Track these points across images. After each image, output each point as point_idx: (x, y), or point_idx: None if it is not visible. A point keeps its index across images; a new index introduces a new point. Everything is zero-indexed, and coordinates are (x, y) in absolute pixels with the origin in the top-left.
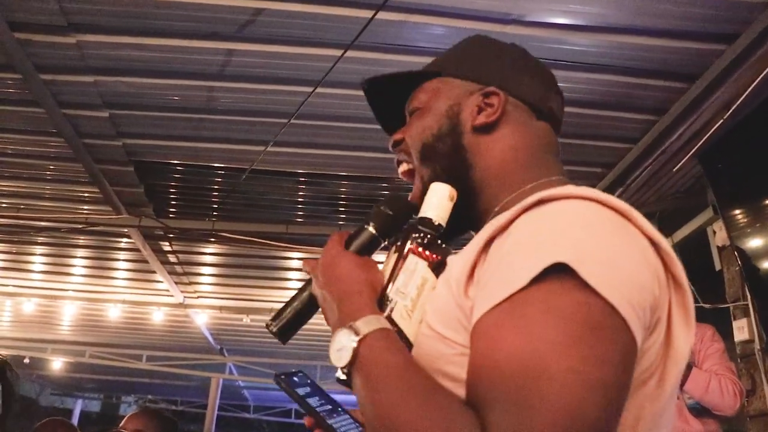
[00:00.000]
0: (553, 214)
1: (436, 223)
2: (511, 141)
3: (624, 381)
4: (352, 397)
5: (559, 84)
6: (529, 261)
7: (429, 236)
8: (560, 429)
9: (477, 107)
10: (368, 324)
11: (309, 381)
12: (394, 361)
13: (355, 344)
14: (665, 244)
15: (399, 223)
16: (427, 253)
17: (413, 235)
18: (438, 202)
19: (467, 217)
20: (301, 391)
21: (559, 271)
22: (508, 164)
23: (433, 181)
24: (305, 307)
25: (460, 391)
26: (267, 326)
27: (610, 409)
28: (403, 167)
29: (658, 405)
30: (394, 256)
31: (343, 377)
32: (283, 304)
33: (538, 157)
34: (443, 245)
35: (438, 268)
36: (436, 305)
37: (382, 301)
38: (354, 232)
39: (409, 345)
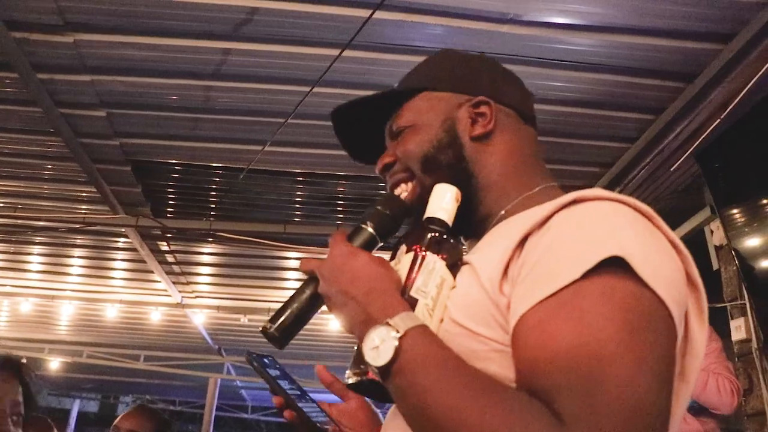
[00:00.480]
0: (593, 213)
1: (447, 223)
2: (508, 148)
3: (674, 369)
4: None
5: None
6: (581, 255)
7: (444, 236)
8: (630, 413)
9: (470, 118)
10: (405, 320)
11: (278, 366)
12: (444, 356)
13: (396, 341)
14: (683, 246)
15: (396, 224)
16: (444, 252)
17: (429, 235)
18: (446, 203)
19: (467, 223)
20: (272, 372)
21: (610, 265)
22: (507, 171)
23: None
24: (306, 308)
25: None
26: (264, 330)
27: (668, 395)
28: (402, 188)
29: (684, 399)
30: (408, 255)
31: (354, 381)
32: (279, 307)
33: (531, 163)
34: (456, 244)
35: (453, 267)
36: (463, 302)
37: (407, 301)
38: (352, 232)
39: None
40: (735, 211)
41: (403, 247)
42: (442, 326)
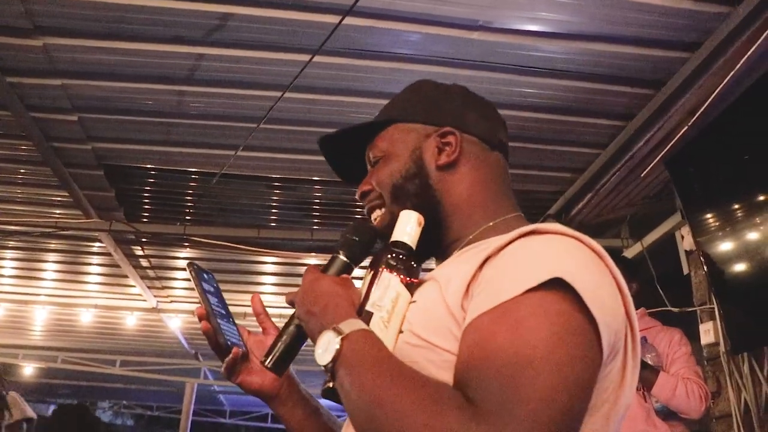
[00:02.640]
0: (547, 243)
1: (409, 245)
2: (473, 176)
3: (591, 385)
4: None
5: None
6: (526, 275)
7: (402, 256)
8: (538, 413)
9: (437, 148)
10: (350, 325)
11: (215, 285)
12: (377, 354)
13: (338, 342)
14: (626, 289)
15: (367, 249)
16: (401, 270)
17: (387, 255)
18: (409, 228)
19: (436, 244)
20: (206, 286)
21: (551, 286)
22: (472, 199)
23: None
24: (294, 339)
25: None
26: (262, 364)
27: (581, 405)
28: (376, 214)
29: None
30: (369, 275)
31: (331, 386)
32: (272, 341)
33: (495, 190)
34: (414, 265)
35: (411, 285)
36: (425, 316)
37: (359, 314)
38: (328, 262)
39: None
40: (704, 216)
41: (369, 269)
42: (403, 337)
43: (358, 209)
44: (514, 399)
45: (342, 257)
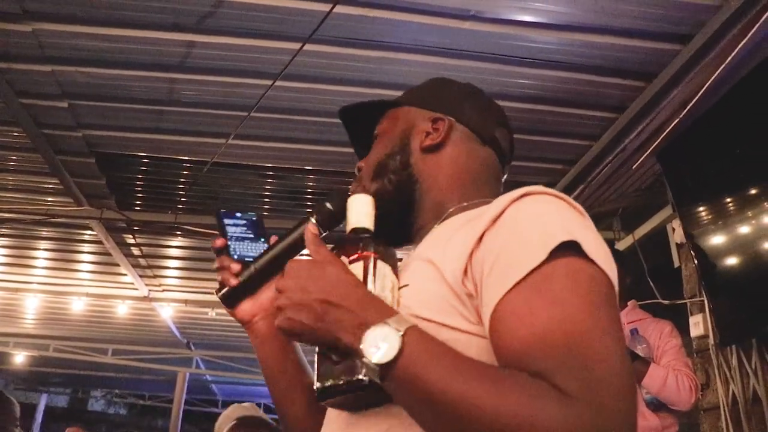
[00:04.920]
0: (543, 204)
1: (370, 230)
2: (455, 164)
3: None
4: None
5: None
6: (539, 241)
7: (382, 244)
8: (617, 379)
9: (426, 131)
10: (402, 321)
11: (242, 214)
12: (444, 350)
13: (400, 338)
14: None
15: (337, 219)
16: (386, 257)
17: (372, 243)
18: (368, 211)
19: (405, 229)
20: (227, 222)
21: (567, 249)
22: (450, 183)
23: (382, 192)
24: (254, 279)
25: None
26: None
27: (626, 351)
28: (353, 187)
29: None
30: (357, 264)
31: (333, 383)
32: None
33: (476, 179)
34: (391, 249)
35: (395, 269)
36: (424, 297)
37: None
38: (294, 226)
39: None
40: (695, 209)
41: (344, 258)
42: None
43: None
44: (597, 378)
45: (313, 220)
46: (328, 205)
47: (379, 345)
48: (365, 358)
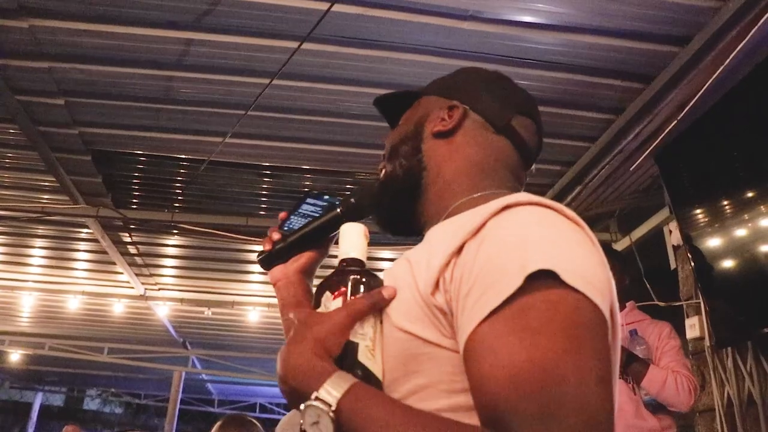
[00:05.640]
0: (524, 219)
1: (362, 261)
2: (465, 151)
3: (612, 364)
4: None
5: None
6: (514, 266)
7: (366, 277)
8: (593, 429)
9: (440, 118)
10: (335, 385)
11: (331, 202)
12: (383, 409)
13: (332, 413)
14: (604, 257)
15: (364, 211)
16: (368, 290)
17: (351, 278)
18: (359, 242)
19: (413, 217)
20: (310, 200)
21: (544, 277)
22: (459, 170)
23: (391, 177)
24: (292, 247)
25: (437, 389)
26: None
27: (612, 394)
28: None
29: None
30: (337, 301)
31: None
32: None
33: (489, 168)
34: (376, 278)
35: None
36: (403, 308)
37: (347, 346)
38: (322, 213)
39: (378, 383)
40: (692, 211)
41: (328, 294)
42: (386, 333)
43: None
44: (562, 429)
45: (338, 210)
46: (352, 200)
47: (314, 421)
48: None
